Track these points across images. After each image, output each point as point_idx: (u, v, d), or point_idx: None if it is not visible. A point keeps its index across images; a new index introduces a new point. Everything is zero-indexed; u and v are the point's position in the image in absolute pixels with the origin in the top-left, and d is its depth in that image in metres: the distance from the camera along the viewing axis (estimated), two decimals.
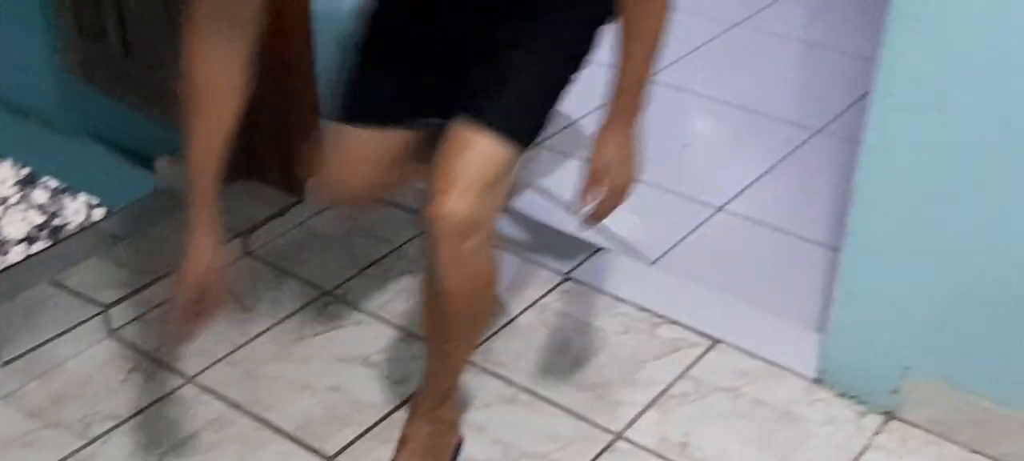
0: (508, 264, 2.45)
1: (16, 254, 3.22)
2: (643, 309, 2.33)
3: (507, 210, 2.52)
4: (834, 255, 2.08)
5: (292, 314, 2.31)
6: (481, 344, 1.86)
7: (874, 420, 2.08)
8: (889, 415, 2.08)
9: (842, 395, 2.12)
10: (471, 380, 2.16)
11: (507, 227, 2.58)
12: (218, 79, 1.58)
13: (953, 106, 1.78)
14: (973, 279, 1.89)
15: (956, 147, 1.81)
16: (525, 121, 1.67)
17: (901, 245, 1.94)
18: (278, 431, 2.05)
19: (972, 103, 1.77)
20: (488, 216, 1.62)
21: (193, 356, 2.19)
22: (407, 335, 2.26)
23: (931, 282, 1.93)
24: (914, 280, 1.95)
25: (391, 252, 2.49)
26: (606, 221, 1.81)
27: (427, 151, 1.69)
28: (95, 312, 2.23)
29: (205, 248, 1.63)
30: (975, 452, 2.00)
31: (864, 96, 1.89)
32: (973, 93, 1.76)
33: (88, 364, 2.18)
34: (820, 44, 3.56)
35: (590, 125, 3.08)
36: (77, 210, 3.42)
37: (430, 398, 1.89)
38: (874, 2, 2.51)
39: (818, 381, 2.15)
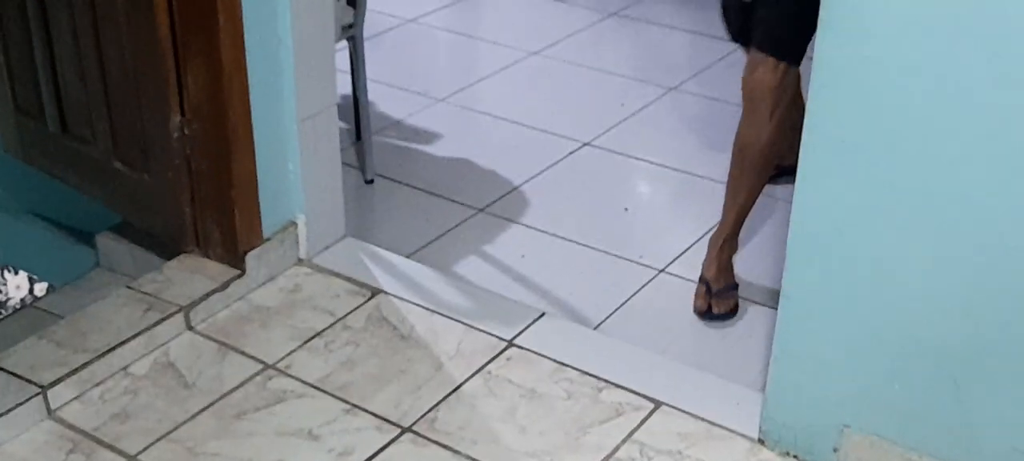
0: (452, 332, 2.46)
1: None
2: (586, 373, 2.35)
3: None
4: (775, 314, 2.11)
5: (234, 389, 2.30)
6: None
7: None
8: None
9: (784, 455, 2.14)
10: (416, 450, 2.15)
11: (450, 294, 2.59)
12: None
13: (877, 167, 1.83)
14: (907, 336, 1.93)
15: (884, 207, 1.85)
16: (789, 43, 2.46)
17: (835, 305, 1.97)
18: None
19: (895, 164, 1.81)
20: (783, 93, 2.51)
21: (134, 435, 2.17)
22: (351, 407, 2.25)
23: (866, 340, 1.97)
24: (849, 338, 1.98)
25: (334, 324, 2.49)
26: None
27: None
28: (33, 393, 2.20)
29: None
30: None
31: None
32: (894, 154, 1.80)
33: (26, 447, 2.14)
34: None
35: (532, 191, 3.12)
36: (19, 286, 3.38)
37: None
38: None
39: (761, 442, 2.17)
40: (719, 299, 2.63)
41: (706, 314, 2.64)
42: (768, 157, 2.54)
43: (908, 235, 1.85)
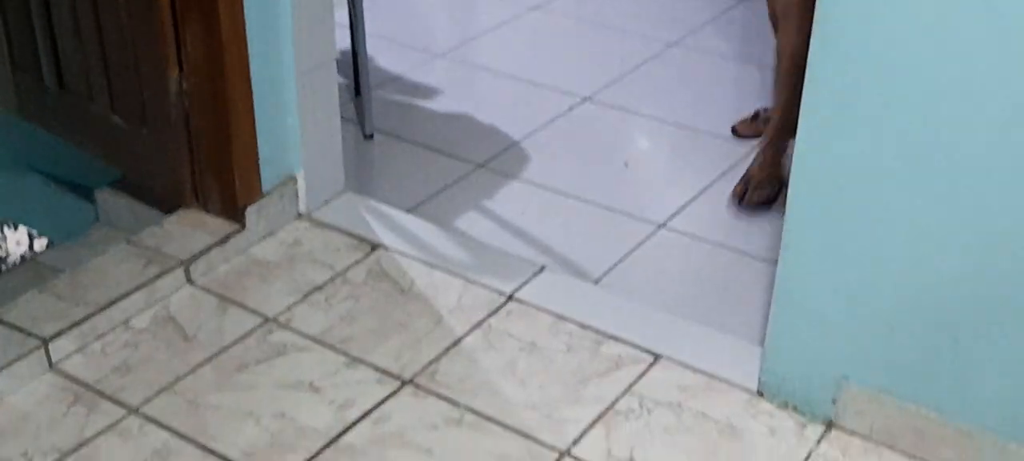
0: (452, 286, 2.46)
1: None
2: (586, 327, 2.35)
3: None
4: (775, 269, 2.11)
5: (235, 342, 2.31)
6: None
7: (815, 430, 2.11)
8: (830, 425, 2.11)
9: (783, 407, 2.15)
10: (416, 403, 2.16)
11: (450, 249, 2.59)
12: None
13: (877, 120, 1.83)
14: (906, 289, 1.93)
15: (884, 160, 1.85)
16: None
17: (834, 257, 1.97)
18: (223, 459, 2.04)
19: (895, 117, 1.81)
20: None
21: (135, 387, 2.18)
22: (351, 359, 2.26)
23: (865, 293, 1.97)
24: (848, 291, 1.99)
25: (334, 278, 2.49)
26: None
27: None
28: (34, 346, 2.21)
29: None
30: (914, 459, 2.04)
31: None
32: (894, 107, 1.80)
33: (28, 399, 2.15)
34: (754, 61, 3.62)
35: (532, 147, 3.12)
36: (18, 242, 3.38)
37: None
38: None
39: (760, 394, 2.18)
40: (758, 189, 2.84)
41: (740, 201, 2.85)
42: (799, 66, 2.64)
43: (908, 188, 1.85)
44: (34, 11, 2.65)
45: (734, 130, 3.17)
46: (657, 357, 2.28)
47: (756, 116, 3.18)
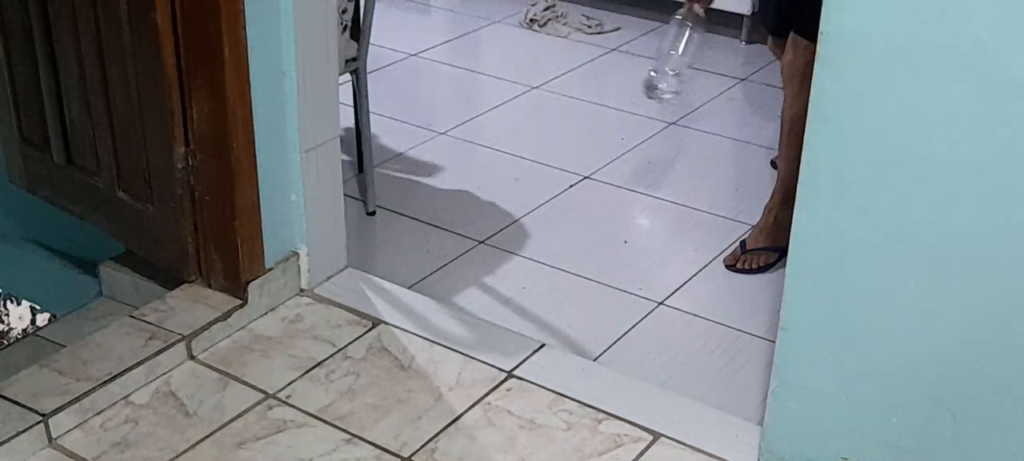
0: (452, 362, 2.47)
1: None
2: (586, 405, 2.35)
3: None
4: (774, 347, 2.12)
5: (235, 418, 2.31)
6: None
7: None
8: None
9: None
10: None
11: (450, 325, 2.60)
12: None
13: (874, 199, 1.85)
14: (904, 369, 1.94)
15: (881, 239, 1.87)
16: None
17: (832, 337, 1.98)
18: None
19: (892, 196, 1.83)
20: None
21: None
22: (351, 436, 2.26)
23: (863, 372, 1.98)
24: (847, 371, 1.99)
25: (334, 354, 2.50)
26: None
27: None
28: (34, 421, 2.21)
29: None
30: None
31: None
32: (891, 186, 1.82)
33: None
34: (752, 142, 3.66)
35: (532, 224, 3.14)
36: (21, 316, 3.40)
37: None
38: None
39: None
40: (751, 256, 2.94)
41: (731, 268, 2.95)
42: (798, 133, 2.69)
43: (906, 269, 1.87)
44: (43, 85, 2.68)
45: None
46: (657, 436, 2.28)
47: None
